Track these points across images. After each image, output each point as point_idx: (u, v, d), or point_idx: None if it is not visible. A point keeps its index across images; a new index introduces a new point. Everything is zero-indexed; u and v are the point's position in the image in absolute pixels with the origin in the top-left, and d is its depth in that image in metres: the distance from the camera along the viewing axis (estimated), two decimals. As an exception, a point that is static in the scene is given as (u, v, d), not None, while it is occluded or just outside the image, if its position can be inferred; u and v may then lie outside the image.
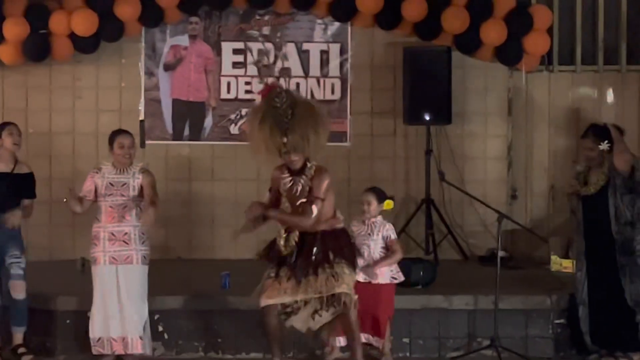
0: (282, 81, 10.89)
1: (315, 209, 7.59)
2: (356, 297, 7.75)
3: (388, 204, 8.32)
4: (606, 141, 8.33)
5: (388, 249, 8.26)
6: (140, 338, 8.16)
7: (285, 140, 7.44)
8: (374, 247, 8.25)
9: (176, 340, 8.57)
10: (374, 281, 8.17)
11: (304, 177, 7.67)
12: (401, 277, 8.32)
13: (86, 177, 8.26)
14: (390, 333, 8.31)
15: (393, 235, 8.32)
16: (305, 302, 7.75)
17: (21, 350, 8.25)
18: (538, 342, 8.65)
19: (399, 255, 8.27)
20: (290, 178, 7.71)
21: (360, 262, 8.17)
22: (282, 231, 7.76)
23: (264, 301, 7.70)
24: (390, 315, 8.28)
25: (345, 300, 7.68)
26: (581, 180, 8.48)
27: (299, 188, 7.68)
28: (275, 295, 7.69)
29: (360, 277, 8.10)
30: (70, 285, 9.08)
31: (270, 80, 7.61)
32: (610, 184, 8.31)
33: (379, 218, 8.32)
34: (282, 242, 7.75)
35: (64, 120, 11.01)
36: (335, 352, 8.29)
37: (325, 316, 7.80)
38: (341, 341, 8.22)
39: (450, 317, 8.60)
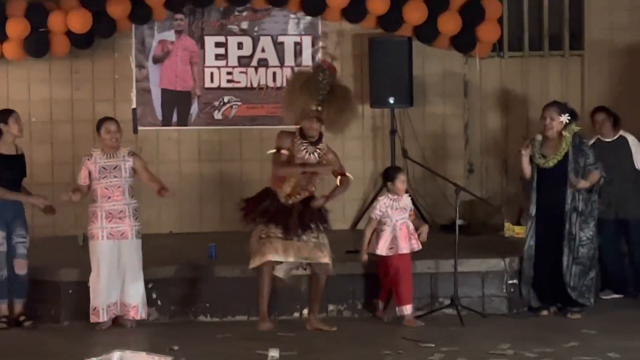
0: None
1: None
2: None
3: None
4: (567, 114, 8.33)
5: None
6: (138, 305, 8.21)
7: (315, 107, 7.67)
8: (405, 218, 8.36)
9: (168, 306, 8.52)
10: (414, 249, 8.29)
11: (317, 149, 7.87)
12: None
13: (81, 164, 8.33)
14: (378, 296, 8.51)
15: (412, 207, 8.56)
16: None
17: (22, 318, 8.29)
18: (493, 300, 8.66)
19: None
20: (306, 146, 7.84)
21: (406, 239, 8.21)
22: (287, 189, 7.84)
23: (265, 257, 7.72)
24: None
25: (328, 270, 7.91)
26: (538, 150, 8.41)
27: (312, 157, 7.85)
28: (273, 253, 7.73)
29: (406, 249, 8.20)
30: (73, 258, 9.03)
31: (324, 59, 7.91)
32: (569, 161, 8.31)
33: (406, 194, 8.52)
34: (284, 200, 7.84)
35: (63, 110, 11.05)
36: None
37: (299, 273, 8.07)
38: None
39: (415, 279, 8.47)
